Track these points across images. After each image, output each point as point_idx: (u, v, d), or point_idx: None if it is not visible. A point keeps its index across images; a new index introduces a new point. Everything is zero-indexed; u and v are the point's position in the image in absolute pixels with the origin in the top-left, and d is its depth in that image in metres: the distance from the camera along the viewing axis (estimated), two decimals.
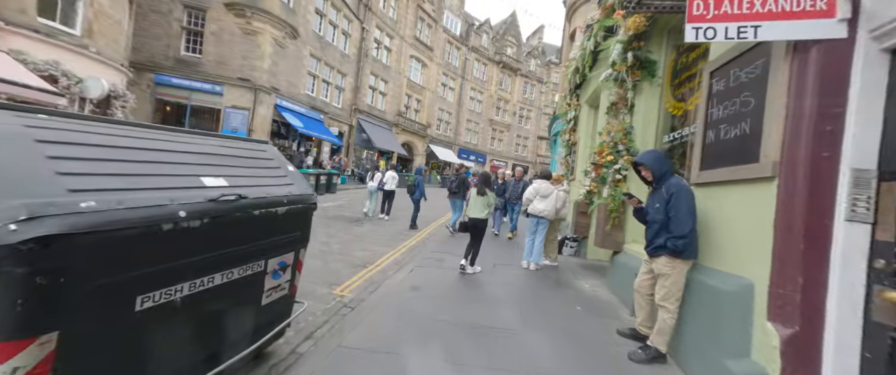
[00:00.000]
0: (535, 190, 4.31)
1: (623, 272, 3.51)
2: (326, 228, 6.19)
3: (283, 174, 2.16)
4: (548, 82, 38.64)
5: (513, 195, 6.67)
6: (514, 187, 6.74)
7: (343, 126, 20.90)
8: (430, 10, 27.04)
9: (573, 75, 6.17)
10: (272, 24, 14.69)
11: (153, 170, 1.42)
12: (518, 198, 6.60)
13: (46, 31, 7.88)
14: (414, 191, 7.70)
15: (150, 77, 13.96)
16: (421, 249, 5.52)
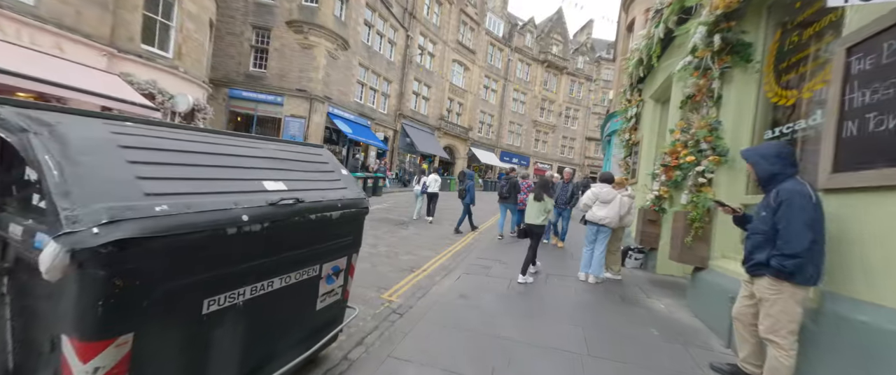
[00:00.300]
0: (595, 195, 3.87)
1: (709, 292, 2.97)
2: (373, 230, 6.30)
3: (337, 178, 2.14)
4: (597, 80, 36.34)
5: (561, 200, 6.07)
6: (563, 190, 6.15)
7: (388, 131, 21.64)
8: (472, 13, 27.03)
9: (635, 68, 5.57)
10: (326, 37, 15.72)
11: (218, 174, 1.43)
12: (566, 203, 6.14)
13: (147, 56, 9.24)
14: (464, 196, 7.53)
15: (225, 91, 15.74)
16: (466, 255, 5.34)
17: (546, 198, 4.10)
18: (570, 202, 6.18)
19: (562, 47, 34.46)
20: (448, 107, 26.53)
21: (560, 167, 33.39)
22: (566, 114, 35.75)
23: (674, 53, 4.42)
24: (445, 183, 20.74)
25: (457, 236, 6.86)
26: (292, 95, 15.80)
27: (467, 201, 7.53)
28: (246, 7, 15.67)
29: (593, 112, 36.44)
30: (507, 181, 6.61)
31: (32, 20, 6.99)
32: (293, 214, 1.61)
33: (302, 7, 15.43)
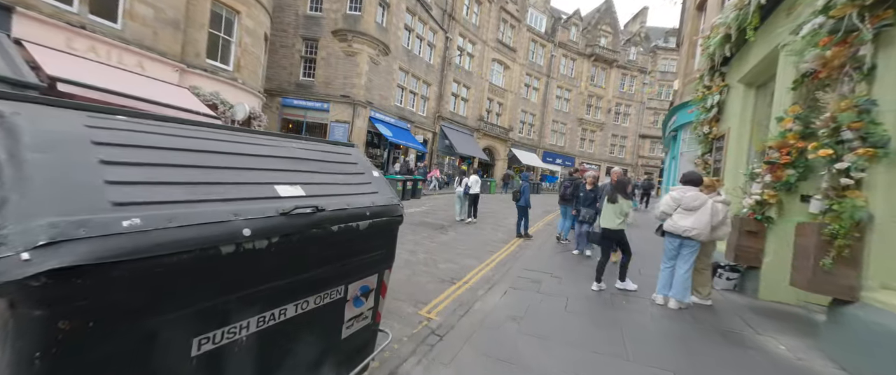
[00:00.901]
0: (676, 201, 3.14)
1: (864, 336, 2.15)
2: (413, 235, 6.05)
3: (367, 181, 1.82)
4: (653, 72, 33.14)
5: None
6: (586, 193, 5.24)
7: (427, 133, 21.68)
8: (513, 10, 26.19)
9: (719, 47, 4.64)
10: (368, 43, 16.15)
11: (220, 177, 1.16)
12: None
13: (211, 69, 10.11)
14: (519, 198, 7.03)
15: (278, 100, 16.89)
16: (511, 264, 4.83)
17: (621, 200, 3.59)
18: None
19: (611, 39, 32.02)
20: (487, 107, 25.94)
21: (609, 167, 30.82)
22: (616, 110, 33.09)
23: (778, 22, 3.51)
24: (485, 185, 20.20)
25: (501, 243, 6.35)
26: (337, 101, 16.45)
27: (522, 203, 6.99)
28: (297, 21, 16.70)
29: (649, 107, 33.27)
30: (571, 182, 5.96)
31: (119, 42, 7.93)
32: (311, 226, 1.31)
33: (346, 16, 16.02)
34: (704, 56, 5.19)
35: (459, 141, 22.68)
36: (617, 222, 3.66)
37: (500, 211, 10.99)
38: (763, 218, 3.34)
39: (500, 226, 8.08)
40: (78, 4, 7.32)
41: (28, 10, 6.54)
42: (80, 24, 7.31)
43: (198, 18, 9.64)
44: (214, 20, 10.12)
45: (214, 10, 10.05)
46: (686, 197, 3.04)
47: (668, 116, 9.98)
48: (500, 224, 8.49)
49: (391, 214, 1.78)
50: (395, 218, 1.82)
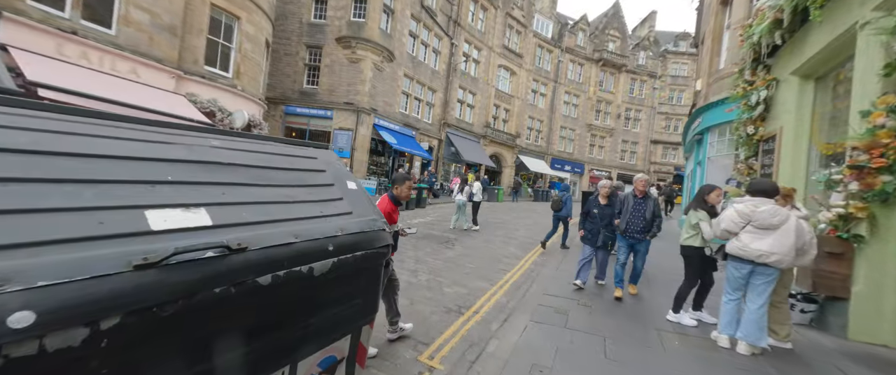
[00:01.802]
0: (744, 217, 2.42)
1: None
2: (415, 251, 5.44)
3: (336, 196, 1.24)
4: (663, 76, 32.41)
5: (634, 225, 3.85)
6: (636, 208, 3.88)
7: (433, 140, 21.24)
8: (519, 15, 25.92)
9: (766, 34, 4.02)
10: (372, 50, 15.88)
11: (63, 197, 0.59)
12: (644, 231, 3.81)
13: (209, 76, 9.82)
14: (560, 208, 6.42)
15: (281, 109, 16.65)
16: (528, 286, 4.18)
17: (698, 211, 3.09)
18: (651, 229, 3.84)
19: (619, 43, 31.48)
20: (494, 113, 25.47)
21: (625, 176, 29.95)
22: (626, 115, 32.30)
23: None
24: (493, 193, 19.57)
25: (513, 259, 5.70)
26: (340, 109, 16.13)
27: (564, 214, 6.36)
28: (300, 28, 16.56)
29: (660, 112, 32.44)
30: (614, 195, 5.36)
31: (113, 48, 7.65)
32: (213, 281, 0.73)
33: (350, 23, 15.82)
34: (745, 46, 4.57)
35: (466, 148, 22.17)
36: (692, 237, 3.13)
37: (510, 222, 10.33)
38: (849, 237, 2.66)
39: (511, 239, 7.42)
40: (70, 10, 7.07)
41: (16, 15, 6.28)
42: (72, 30, 7.04)
43: (196, 24, 9.39)
44: (214, 26, 9.87)
45: (214, 16, 9.82)
46: (760, 212, 2.34)
47: (691, 119, 9.28)
48: (512, 236, 7.83)
49: (371, 245, 1.19)
50: (378, 251, 1.23)
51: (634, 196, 3.95)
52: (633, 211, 3.88)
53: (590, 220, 4.18)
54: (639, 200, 3.90)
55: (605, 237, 4.06)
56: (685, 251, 3.22)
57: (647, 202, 3.87)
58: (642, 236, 3.84)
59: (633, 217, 3.86)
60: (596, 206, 4.15)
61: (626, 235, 3.90)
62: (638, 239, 3.86)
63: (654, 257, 4.89)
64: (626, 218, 3.89)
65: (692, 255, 3.15)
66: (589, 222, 4.18)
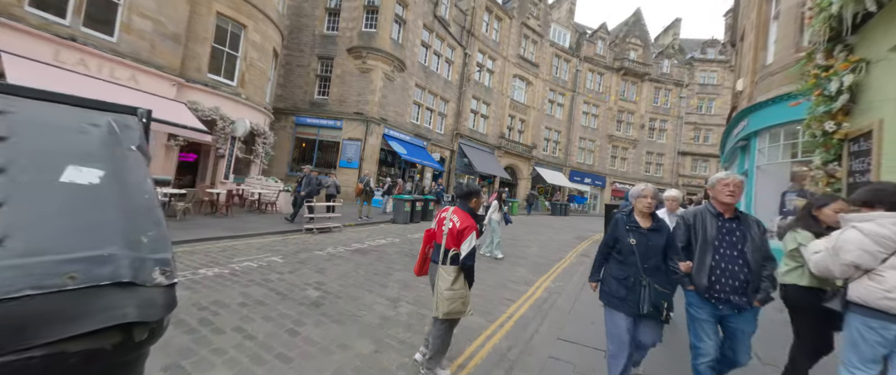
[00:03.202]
0: (887, 242, 1.50)
1: None
2: (403, 273, 4.64)
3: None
4: (690, 85, 30.67)
5: (726, 266, 1.98)
6: (727, 238, 2.02)
7: (444, 151, 20.65)
8: (535, 25, 25.40)
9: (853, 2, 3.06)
10: (383, 60, 15.68)
11: None
12: (746, 288, 1.95)
13: (212, 84, 9.68)
14: None
15: (292, 119, 16.62)
16: (537, 324, 3.29)
17: (795, 230, 2.16)
18: (762, 282, 2.01)
19: (642, 52, 30.22)
20: (509, 124, 24.69)
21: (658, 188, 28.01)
22: (650, 125, 30.63)
23: None
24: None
25: (522, 284, 4.77)
26: (350, 119, 15.89)
27: None
28: (313, 40, 16.68)
29: (687, 122, 30.55)
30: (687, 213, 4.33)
31: (113, 55, 7.56)
32: None
33: (361, 33, 15.75)
34: (817, 23, 3.60)
35: (479, 159, 21.40)
36: (796, 274, 2.14)
37: (521, 238, 9.34)
38: None
39: (520, 259, 6.47)
40: (72, 17, 7.04)
41: (12, 21, 6.23)
42: (71, 36, 6.98)
43: (201, 32, 9.34)
44: (219, 34, 9.81)
45: (220, 25, 9.77)
46: None
47: (732, 124, 8.11)
48: (522, 255, 6.87)
49: (71, 322, 0.41)
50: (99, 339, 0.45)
51: (718, 214, 2.06)
52: (721, 245, 2.00)
53: (619, 261, 2.13)
54: (728, 223, 2.02)
55: (656, 296, 2.00)
56: (789, 293, 2.17)
57: (745, 227, 2.00)
58: (746, 299, 1.92)
59: (725, 256, 1.97)
60: (633, 232, 2.11)
61: (712, 296, 1.97)
62: (738, 305, 1.93)
63: None
64: (709, 261, 1.98)
65: (801, 301, 2.06)
66: (618, 264, 2.14)
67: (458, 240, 2.18)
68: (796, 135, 6.15)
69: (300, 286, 3.70)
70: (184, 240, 5.25)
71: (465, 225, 2.19)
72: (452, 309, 2.15)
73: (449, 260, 2.19)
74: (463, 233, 2.17)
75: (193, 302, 2.99)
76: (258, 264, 4.40)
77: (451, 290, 2.15)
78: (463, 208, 2.33)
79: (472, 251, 2.17)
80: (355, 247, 6.05)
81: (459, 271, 2.19)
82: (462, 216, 2.25)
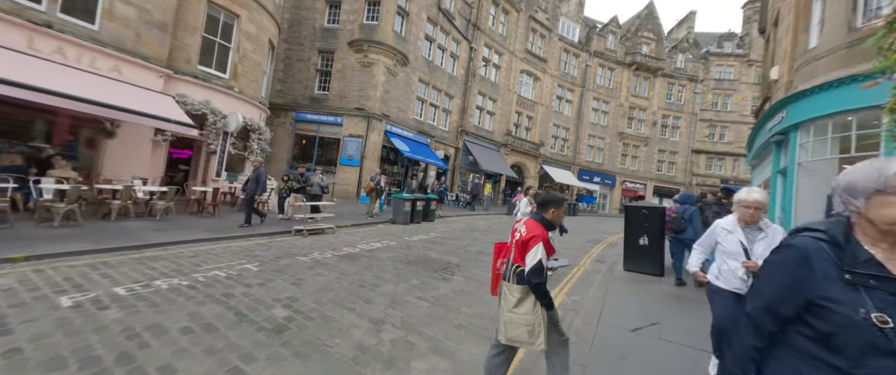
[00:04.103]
0: None
1: None
2: (395, 284, 4.04)
3: None
4: (705, 80, 29.46)
5: None
6: None
7: (449, 149, 20.01)
8: (543, 19, 24.54)
9: None
10: (385, 53, 15.11)
11: None
12: None
13: (203, 76, 9.20)
14: (683, 229, 4.83)
15: (291, 116, 16.16)
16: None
17: None
18: None
19: (654, 46, 29.11)
20: (515, 121, 23.93)
21: (663, 189, 26.82)
22: (663, 123, 29.53)
23: None
24: (512, 205, 17.84)
25: None
26: (350, 115, 15.35)
27: (689, 235, 4.76)
28: (314, 34, 16.17)
29: (702, 119, 29.37)
30: (707, 203, 3.84)
31: (94, 44, 7.10)
32: None
33: (363, 26, 15.19)
34: None
35: (484, 157, 20.72)
36: None
37: None
38: None
39: None
40: (47, 2, 6.58)
41: None
42: (46, 23, 6.52)
43: (190, 21, 8.85)
44: (210, 24, 9.32)
45: (211, 14, 9.27)
46: None
47: (767, 116, 7.31)
48: None
49: None
50: None
51: None
52: None
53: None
54: None
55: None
56: None
57: None
58: None
59: None
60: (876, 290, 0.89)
61: None
62: None
63: None
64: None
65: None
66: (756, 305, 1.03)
67: (523, 253, 1.87)
68: (848, 126, 5.37)
69: (267, 303, 3.12)
70: (153, 244, 4.73)
71: (531, 234, 1.89)
72: (515, 336, 1.87)
73: (514, 276, 1.91)
74: (528, 243, 1.86)
75: (124, 327, 2.42)
76: (228, 273, 3.84)
77: (514, 313, 1.87)
78: (537, 218, 2.02)
79: (538, 266, 1.82)
80: (345, 252, 5.47)
81: (526, 291, 1.86)
82: (532, 226, 1.95)
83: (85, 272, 3.50)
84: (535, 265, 1.80)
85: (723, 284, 2.16)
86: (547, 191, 2.13)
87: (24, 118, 7.17)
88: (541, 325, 1.84)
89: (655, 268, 5.30)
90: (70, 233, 4.74)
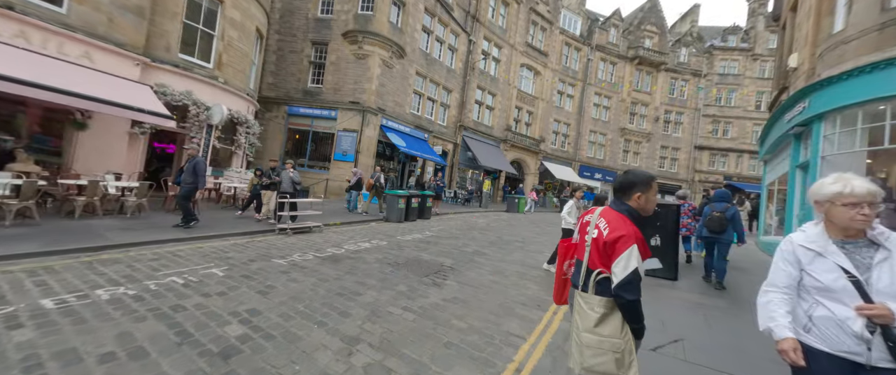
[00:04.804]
0: None
1: None
2: (379, 291, 3.58)
3: None
4: (709, 75, 28.89)
5: None
6: None
7: (447, 144, 19.50)
8: (544, 11, 23.92)
9: None
10: (381, 45, 14.56)
11: None
12: None
13: (184, 65, 8.67)
14: (724, 228, 4.43)
15: (284, 110, 15.62)
16: None
17: None
18: None
19: (657, 40, 28.51)
20: (515, 116, 23.41)
21: (665, 186, 26.50)
22: (665, 118, 29.01)
23: None
24: (513, 202, 17.36)
25: (533, 308, 3.66)
26: (345, 108, 14.82)
27: (728, 239, 4.41)
28: (306, 24, 15.59)
29: (705, 114, 28.85)
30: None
31: (61, 28, 6.57)
32: None
33: (357, 16, 14.61)
34: None
35: (484, 153, 20.22)
36: None
37: (530, 240, 8.21)
38: None
39: (531, 269, 5.34)
40: None
41: None
42: (6, 4, 5.99)
43: (170, 6, 8.29)
44: (192, 10, 8.76)
45: None
46: None
47: (785, 107, 6.81)
48: (532, 264, 5.73)
49: None
50: None
51: None
52: None
53: None
54: None
55: None
56: None
57: None
58: None
59: None
60: None
61: None
62: None
63: None
64: None
65: None
66: None
67: (606, 257, 1.42)
68: (880, 116, 4.89)
69: (222, 318, 2.65)
70: (114, 245, 4.26)
71: (617, 232, 1.40)
72: (596, 365, 1.39)
73: (593, 285, 1.44)
74: (615, 246, 1.38)
75: (26, 354, 1.94)
76: (187, 280, 3.37)
77: (595, 334, 1.41)
78: (618, 207, 1.50)
79: (633, 277, 1.33)
80: (329, 253, 5.00)
81: (612, 306, 1.41)
82: (614, 219, 1.45)
83: (18, 279, 3.03)
84: (629, 276, 1.32)
85: (818, 343, 1.26)
86: (629, 171, 1.58)
87: None
88: (632, 353, 1.38)
89: (670, 272, 4.84)
90: (21, 233, 4.27)
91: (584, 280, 1.48)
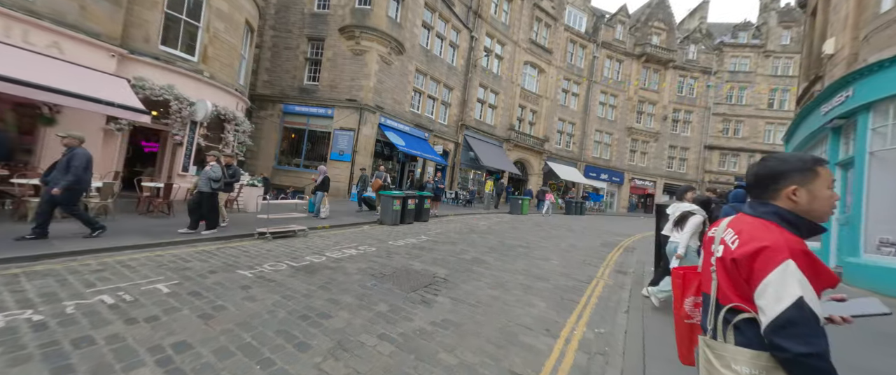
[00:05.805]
0: None
1: None
2: (353, 311, 2.97)
3: None
4: (719, 72, 28.01)
5: None
6: None
7: (448, 144, 18.88)
8: (548, 7, 23.26)
9: None
10: (378, 40, 14.01)
11: None
12: None
13: (166, 58, 8.16)
14: None
15: (279, 108, 15.12)
16: None
17: None
18: None
19: (665, 37, 27.70)
20: (519, 115, 22.76)
21: (673, 187, 25.61)
22: (673, 117, 28.17)
23: None
24: (517, 204, 16.68)
25: (540, 332, 3.03)
26: (342, 106, 14.28)
27: None
28: (302, 20, 15.10)
29: (715, 113, 27.96)
30: None
31: (26, 15, 6.07)
32: None
33: (354, 10, 14.08)
34: None
35: (486, 152, 19.59)
36: None
37: (535, 245, 7.54)
38: None
39: (537, 280, 4.68)
40: None
41: None
42: None
43: None
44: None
45: None
46: None
47: (823, 98, 6.10)
48: (538, 274, 5.07)
49: None
50: None
51: None
52: None
53: None
54: None
55: None
56: None
57: None
58: None
59: None
60: None
61: None
62: None
63: None
64: None
65: None
66: None
67: (741, 283, 0.89)
68: None
69: (136, 356, 2.04)
70: (56, 254, 3.69)
71: (753, 243, 0.88)
72: None
73: (731, 332, 0.90)
74: (752, 265, 0.86)
75: None
76: (117, 299, 2.78)
77: None
78: (757, 210, 0.97)
79: (795, 313, 0.78)
80: (306, 262, 4.40)
81: (766, 364, 0.84)
82: (751, 226, 0.93)
83: None
84: (789, 312, 0.79)
85: None
86: (764, 158, 1.02)
87: None
88: None
89: None
90: None
91: (714, 321, 0.95)
